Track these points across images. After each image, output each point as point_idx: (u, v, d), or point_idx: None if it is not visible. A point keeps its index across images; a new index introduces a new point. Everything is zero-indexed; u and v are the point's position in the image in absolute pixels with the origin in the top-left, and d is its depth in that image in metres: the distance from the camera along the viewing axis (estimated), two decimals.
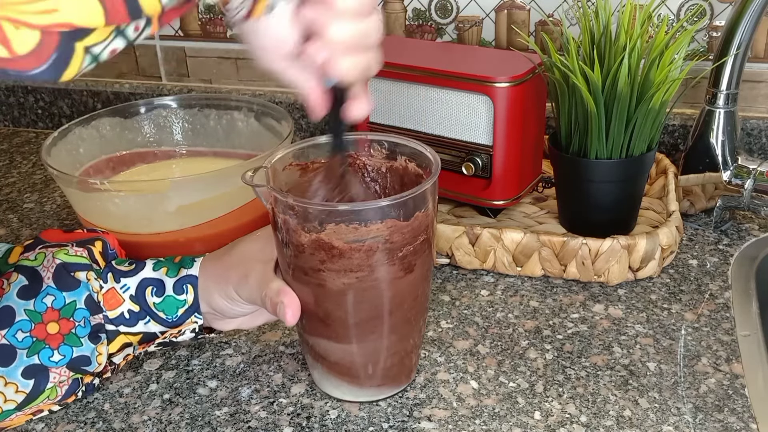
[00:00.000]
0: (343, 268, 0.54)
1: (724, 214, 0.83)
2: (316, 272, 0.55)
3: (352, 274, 0.54)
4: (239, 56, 1.09)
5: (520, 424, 0.58)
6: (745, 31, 0.76)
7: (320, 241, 0.53)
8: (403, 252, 0.54)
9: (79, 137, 0.86)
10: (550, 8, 0.93)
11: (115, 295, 0.61)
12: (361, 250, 0.53)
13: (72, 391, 0.60)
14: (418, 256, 0.56)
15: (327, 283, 0.55)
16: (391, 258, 0.54)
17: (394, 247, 0.54)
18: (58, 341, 0.58)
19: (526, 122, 0.78)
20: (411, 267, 0.56)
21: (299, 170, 0.61)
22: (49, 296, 0.59)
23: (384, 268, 0.54)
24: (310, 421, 0.60)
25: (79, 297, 0.59)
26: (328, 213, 0.53)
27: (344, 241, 0.53)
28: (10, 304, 0.58)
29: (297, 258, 0.55)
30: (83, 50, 0.36)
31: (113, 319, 0.61)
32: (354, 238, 0.53)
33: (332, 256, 0.53)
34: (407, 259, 0.55)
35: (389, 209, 0.53)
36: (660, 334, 0.67)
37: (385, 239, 0.53)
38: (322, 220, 0.53)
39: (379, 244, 0.53)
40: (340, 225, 0.52)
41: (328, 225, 0.53)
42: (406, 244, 0.54)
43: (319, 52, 0.47)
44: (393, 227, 0.53)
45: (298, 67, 0.50)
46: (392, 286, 0.56)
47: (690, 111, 0.93)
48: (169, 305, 0.61)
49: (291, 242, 0.55)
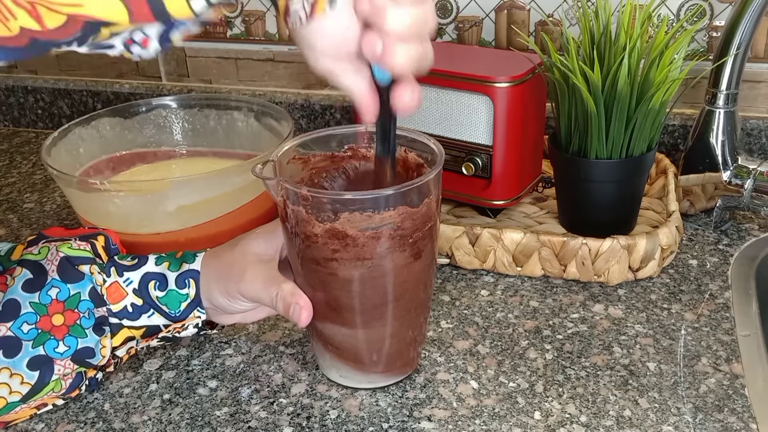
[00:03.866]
0: (356, 256, 0.55)
1: (724, 214, 0.83)
2: (328, 261, 0.55)
3: (364, 262, 0.55)
4: (239, 56, 1.09)
5: (520, 424, 0.58)
6: (745, 31, 0.76)
7: (334, 230, 0.54)
8: (413, 238, 0.56)
9: (79, 137, 0.86)
10: (550, 8, 0.93)
11: (119, 288, 0.61)
12: (374, 237, 0.54)
13: (76, 385, 0.60)
14: (426, 242, 0.57)
15: (338, 271, 0.56)
16: (402, 244, 0.55)
17: (405, 234, 0.55)
18: (63, 332, 0.59)
19: (526, 122, 0.78)
20: (419, 253, 0.57)
21: (301, 163, 0.62)
22: (53, 288, 0.59)
23: (395, 255, 0.55)
24: (310, 421, 0.60)
25: (83, 289, 0.60)
26: (343, 202, 0.54)
27: (358, 229, 0.54)
28: (15, 297, 0.58)
29: (309, 248, 0.56)
30: (109, 33, 0.40)
31: (117, 313, 0.61)
32: (367, 225, 0.54)
33: (346, 244, 0.54)
34: (417, 245, 0.56)
35: (401, 196, 0.54)
36: (660, 334, 0.67)
37: (397, 226, 0.54)
38: (336, 209, 0.54)
39: (391, 230, 0.54)
40: (354, 213, 0.53)
41: (342, 214, 0.54)
42: (416, 230, 0.55)
43: (377, 41, 0.46)
44: (404, 214, 0.54)
45: (355, 69, 0.49)
46: (401, 273, 0.57)
47: (690, 111, 0.93)
48: (172, 299, 0.62)
49: (303, 233, 0.55)
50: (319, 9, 0.46)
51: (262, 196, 0.80)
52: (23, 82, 1.19)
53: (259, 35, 1.07)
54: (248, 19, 1.07)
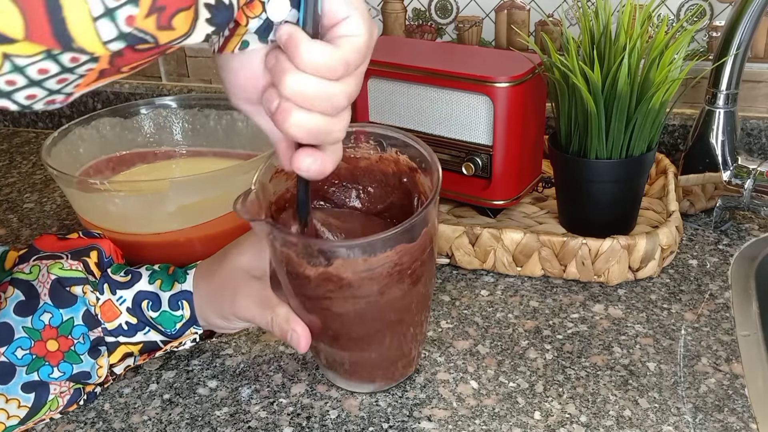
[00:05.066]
0: (352, 295, 0.52)
1: (724, 214, 0.83)
2: (322, 299, 0.53)
3: (360, 300, 0.53)
4: None
5: (520, 424, 0.58)
6: (745, 31, 0.76)
7: (328, 274, 0.51)
8: (411, 269, 0.53)
9: (79, 137, 0.86)
10: (550, 8, 0.93)
11: (112, 307, 0.60)
12: (371, 278, 0.51)
13: (74, 400, 0.60)
14: (425, 266, 0.55)
15: (333, 307, 0.54)
16: (400, 278, 0.53)
17: (404, 268, 0.52)
18: (58, 358, 0.58)
19: (525, 122, 0.78)
20: (418, 279, 0.55)
21: (285, 175, 0.59)
22: (46, 314, 0.58)
23: (393, 287, 0.53)
24: (310, 421, 0.60)
25: (76, 313, 0.59)
26: (335, 250, 0.51)
27: (353, 272, 0.50)
28: (8, 321, 0.57)
29: (302, 287, 0.53)
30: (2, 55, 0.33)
31: (112, 331, 0.60)
32: (365, 268, 0.50)
33: (341, 286, 0.51)
34: (415, 273, 0.54)
35: (399, 236, 0.50)
36: (660, 334, 0.67)
37: (395, 263, 0.51)
38: (329, 255, 0.50)
39: (389, 269, 0.51)
40: (349, 259, 0.50)
41: (336, 260, 0.50)
42: (414, 260, 0.53)
43: (273, 99, 0.44)
44: (402, 251, 0.51)
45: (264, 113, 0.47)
46: (400, 300, 0.55)
47: (690, 111, 0.93)
48: (167, 320, 0.61)
49: (294, 272, 0.52)
50: (229, 47, 0.44)
51: None
52: None
53: None
54: None
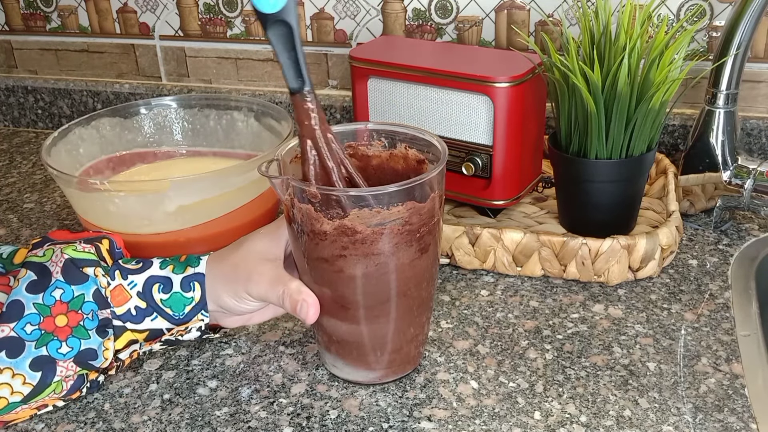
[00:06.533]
0: (364, 252, 0.55)
1: (724, 214, 0.83)
2: (336, 259, 0.56)
3: (372, 258, 0.56)
4: (239, 56, 1.09)
5: (520, 424, 0.58)
6: (745, 31, 0.76)
7: (343, 227, 0.54)
8: (420, 233, 0.56)
9: (79, 137, 0.86)
10: (550, 8, 0.93)
11: (123, 291, 0.61)
12: (382, 232, 0.55)
13: (77, 387, 0.60)
14: (432, 236, 0.58)
15: (346, 268, 0.56)
16: (409, 240, 0.56)
17: (413, 229, 0.56)
18: (66, 333, 0.59)
19: (526, 122, 0.78)
20: (426, 248, 0.58)
21: None
22: (57, 289, 0.59)
23: (402, 250, 0.56)
24: (310, 421, 0.60)
25: (87, 290, 0.60)
26: (353, 198, 0.54)
27: (367, 225, 0.54)
28: (19, 298, 0.59)
29: (317, 246, 0.56)
30: None
31: (120, 315, 0.61)
32: (377, 221, 0.54)
33: (355, 241, 0.55)
34: (423, 239, 0.57)
35: (408, 192, 0.55)
36: (660, 334, 0.67)
37: (405, 221, 0.55)
38: (345, 206, 0.54)
39: (399, 225, 0.55)
40: (363, 210, 0.54)
41: (351, 210, 0.54)
42: (422, 224, 0.56)
43: None
44: (412, 209, 0.55)
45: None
46: (407, 268, 0.57)
47: (690, 111, 0.93)
48: (176, 302, 0.62)
49: (311, 231, 0.56)
50: None
51: (262, 196, 0.80)
52: (23, 82, 1.19)
53: (259, 35, 1.07)
54: (248, 19, 1.07)
